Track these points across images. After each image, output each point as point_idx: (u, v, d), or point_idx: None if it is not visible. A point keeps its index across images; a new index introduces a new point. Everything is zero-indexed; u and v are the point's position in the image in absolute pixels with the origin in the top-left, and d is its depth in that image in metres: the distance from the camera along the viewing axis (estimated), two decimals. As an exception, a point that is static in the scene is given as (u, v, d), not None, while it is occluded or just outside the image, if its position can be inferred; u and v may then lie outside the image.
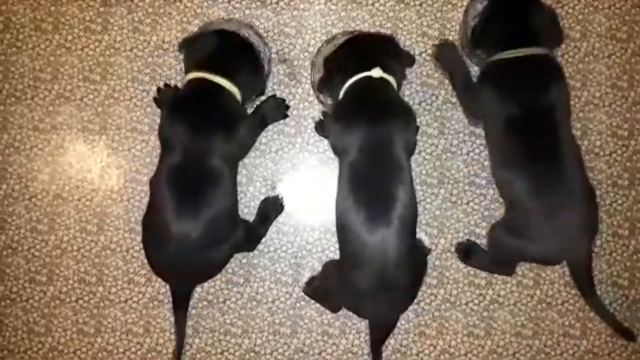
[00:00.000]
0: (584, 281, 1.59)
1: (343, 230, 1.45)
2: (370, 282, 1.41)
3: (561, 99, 1.52)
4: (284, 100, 1.71)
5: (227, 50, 1.54)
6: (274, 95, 1.71)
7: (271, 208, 1.70)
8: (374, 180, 1.42)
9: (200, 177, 1.45)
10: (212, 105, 1.49)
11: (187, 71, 1.56)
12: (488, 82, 1.56)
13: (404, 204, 1.40)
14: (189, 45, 1.58)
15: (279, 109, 1.70)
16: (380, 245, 1.38)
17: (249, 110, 1.66)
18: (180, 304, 1.60)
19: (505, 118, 1.49)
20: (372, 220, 1.39)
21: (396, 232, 1.39)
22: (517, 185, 1.49)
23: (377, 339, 1.60)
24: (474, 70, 1.67)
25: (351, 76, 1.50)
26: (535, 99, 1.48)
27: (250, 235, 1.64)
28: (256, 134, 1.67)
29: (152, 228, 1.51)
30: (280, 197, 1.71)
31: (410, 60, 1.62)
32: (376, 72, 1.49)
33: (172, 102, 1.54)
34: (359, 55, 1.52)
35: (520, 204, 1.50)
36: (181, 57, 1.64)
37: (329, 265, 1.62)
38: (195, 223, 1.43)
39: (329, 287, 1.59)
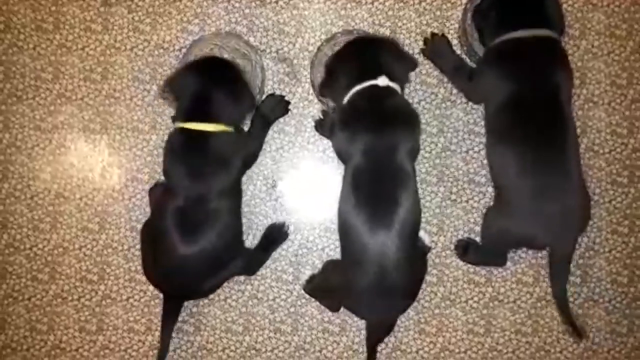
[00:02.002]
0: (559, 271, 1.56)
1: (344, 230, 1.45)
2: (369, 283, 1.41)
3: (567, 85, 1.51)
4: (282, 96, 1.71)
5: (208, 90, 1.49)
6: (273, 94, 1.71)
7: (277, 235, 1.70)
8: (378, 183, 1.42)
9: (204, 213, 1.47)
10: (206, 154, 1.48)
11: (174, 119, 1.56)
12: (496, 59, 1.53)
13: (406, 209, 1.40)
14: (171, 87, 1.53)
15: (279, 106, 1.70)
16: (380, 247, 1.39)
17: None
18: (169, 314, 1.61)
19: (510, 96, 1.47)
20: (374, 222, 1.39)
21: (397, 236, 1.39)
22: (510, 163, 1.47)
23: (374, 340, 1.60)
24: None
25: (356, 83, 1.47)
26: (544, 80, 1.47)
27: (252, 260, 1.66)
28: (262, 137, 1.68)
29: (153, 248, 1.54)
30: (286, 225, 1.71)
31: (413, 64, 1.57)
32: (382, 81, 1.46)
33: (168, 148, 1.52)
34: (364, 61, 1.49)
35: (510, 182, 1.49)
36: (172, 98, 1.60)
37: (329, 264, 1.62)
38: (197, 252, 1.46)
39: (329, 286, 1.60)
